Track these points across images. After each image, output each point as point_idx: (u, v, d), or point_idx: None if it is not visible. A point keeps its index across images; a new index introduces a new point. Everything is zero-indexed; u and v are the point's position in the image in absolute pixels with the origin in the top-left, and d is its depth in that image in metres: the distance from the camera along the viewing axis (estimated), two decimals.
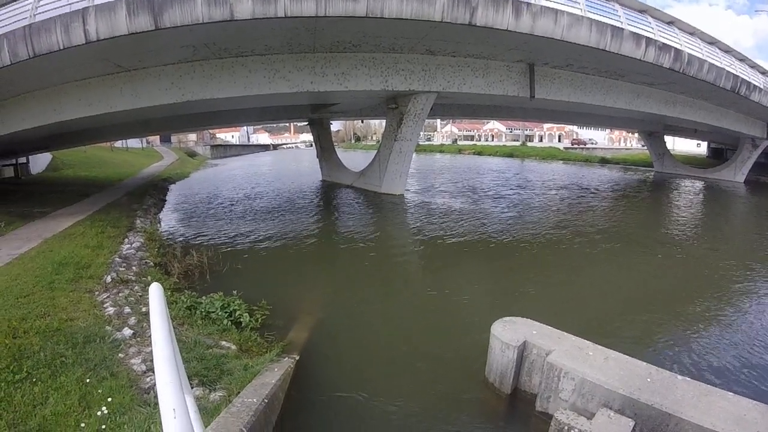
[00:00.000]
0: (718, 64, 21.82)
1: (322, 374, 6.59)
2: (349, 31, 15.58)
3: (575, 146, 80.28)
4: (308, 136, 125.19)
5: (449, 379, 6.52)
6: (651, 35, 18.35)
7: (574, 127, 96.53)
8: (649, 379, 4.98)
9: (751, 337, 8.00)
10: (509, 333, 6.00)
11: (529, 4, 15.34)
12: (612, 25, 17.10)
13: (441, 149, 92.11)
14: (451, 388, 6.28)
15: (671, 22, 20.26)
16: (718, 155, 50.39)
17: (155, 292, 1.99)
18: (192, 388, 5.05)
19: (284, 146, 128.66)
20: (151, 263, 11.15)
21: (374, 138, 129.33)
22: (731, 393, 4.85)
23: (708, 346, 7.62)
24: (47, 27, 12.62)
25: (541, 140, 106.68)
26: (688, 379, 5.12)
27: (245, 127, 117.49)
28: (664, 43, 18.62)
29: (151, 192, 26.32)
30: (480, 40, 16.94)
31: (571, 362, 5.32)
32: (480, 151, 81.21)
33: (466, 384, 6.38)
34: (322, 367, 6.79)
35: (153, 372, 5.33)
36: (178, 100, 16.77)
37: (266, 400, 4.94)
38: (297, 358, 6.78)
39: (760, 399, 4.79)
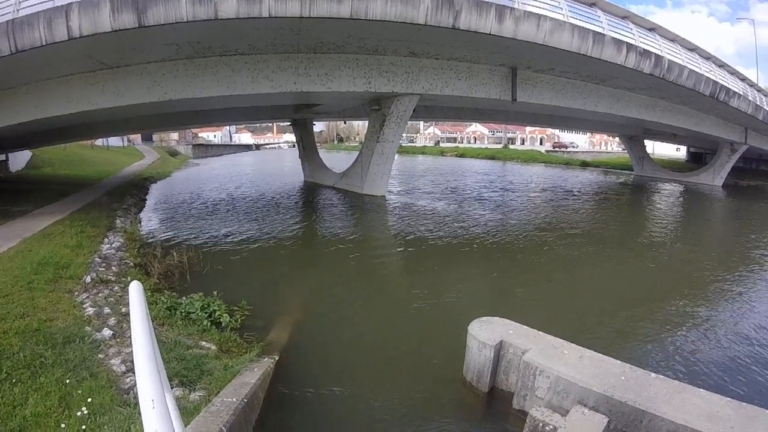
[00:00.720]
0: (697, 70, 22.24)
1: (302, 374, 6.62)
2: (334, 32, 15.62)
3: (556, 149, 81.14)
4: (291, 137, 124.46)
5: (428, 378, 6.59)
6: (632, 41, 18.66)
7: (556, 131, 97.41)
8: (623, 377, 5.07)
9: (727, 333, 8.27)
10: (486, 332, 6.08)
11: (512, 8, 15.54)
12: (594, 31, 17.35)
13: (423, 151, 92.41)
14: (430, 387, 6.34)
15: (652, 28, 20.64)
16: (697, 159, 51.36)
17: (135, 290, 2.01)
18: (172, 388, 5.05)
19: (267, 146, 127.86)
20: (131, 263, 11.08)
21: (357, 139, 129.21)
22: (704, 390, 4.96)
23: (685, 342, 7.85)
24: (30, 22, 12.49)
25: (522, 143, 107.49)
26: (662, 376, 5.22)
27: (227, 127, 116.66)
28: (645, 49, 18.96)
29: (132, 191, 26.06)
30: (463, 43, 17.07)
31: (547, 361, 5.41)
32: (462, 154, 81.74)
33: (445, 383, 6.45)
34: (302, 367, 6.82)
35: (133, 372, 5.35)
36: (160, 99, 16.67)
37: (246, 400, 4.96)
38: (277, 358, 6.78)
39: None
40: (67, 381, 4.99)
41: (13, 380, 4.91)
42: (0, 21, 12.94)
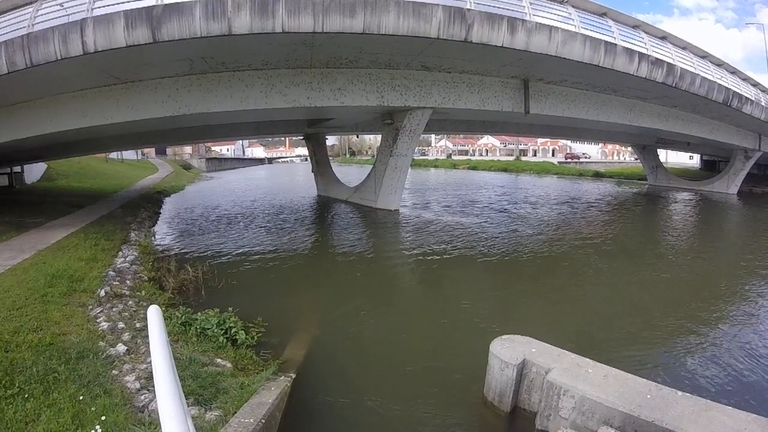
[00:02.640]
0: (710, 77, 22.12)
1: (319, 393, 6.50)
2: (347, 47, 15.63)
3: (569, 160, 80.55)
4: (303, 150, 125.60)
5: (448, 396, 6.45)
6: (644, 50, 18.58)
7: (568, 141, 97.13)
8: (649, 396, 4.92)
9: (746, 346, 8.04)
10: (508, 351, 5.94)
11: (524, 20, 15.49)
12: (606, 41, 17.27)
13: (435, 164, 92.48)
14: (450, 406, 6.21)
15: (664, 37, 20.58)
16: (711, 167, 50.90)
17: (154, 315, 1.96)
18: (188, 406, 5.00)
19: (279, 160, 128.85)
20: (146, 277, 11.05)
21: (369, 152, 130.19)
22: (731, 407, 4.80)
23: (707, 356, 7.63)
24: (45, 37, 12.64)
25: (535, 154, 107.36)
26: (688, 394, 5.07)
27: (240, 141, 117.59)
28: (657, 58, 18.86)
29: (146, 205, 26.28)
30: (475, 56, 17.04)
31: (571, 380, 5.27)
32: (474, 166, 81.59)
33: (466, 402, 6.32)
34: (319, 386, 6.69)
35: (147, 390, 5.31)
36: (174, 113, 16.76)
37: (263, 420, 4.85)
38: (293, 376, 6.68)
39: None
40: (81, 397, 4.91)
41: (26, 395, 4.84)
42: (15, 35, 13.16)
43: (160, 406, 1.57)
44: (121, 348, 6.38)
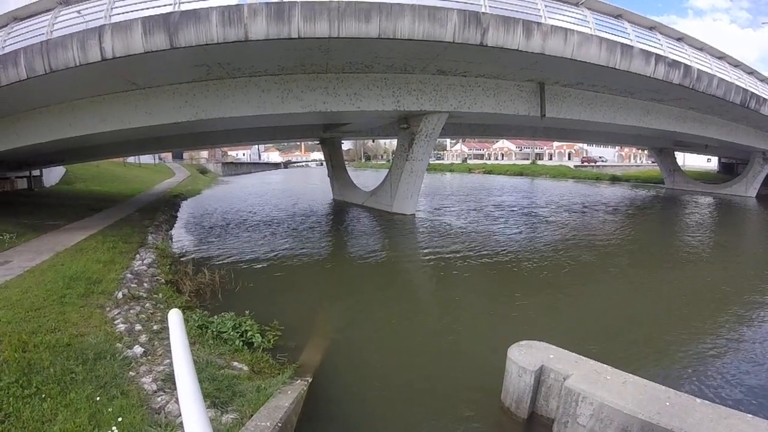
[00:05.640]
0: (727, 78, 21.85)
1: (335, 397, 6.48)
2: (362, 52, 15.66)
3: (585, 164, 79.76)
4: (319, 155, 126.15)
5: (465, 402, 6.39)
6: (660, 52, 18.36)
7: (584, 145, 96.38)
8: (668, 403, 4.86)
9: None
10: (526, 357, 5.90)
11: (539, 23, 15.38)
12: (622, 43, 17.10)
13: (451, 168, 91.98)
14: (467, 412, 6.15)
15: (680, 38, 20.34)
16: (729, 170, 50.38)
17: (175, 319, 1.98)
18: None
19: (294, 164, 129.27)
20: (163, 280, 11.13)
21: (384, 157, 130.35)
22: (750, 415, 4.73)
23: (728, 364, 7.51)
24: (64, 43, 12.86)
25: (550, 158, 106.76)
26: (707, 402, 5.00)
27: (256, 145, 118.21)
28: (673, 60, 18.63)
29: (163, 208, 26.52)
30: (491, 60, 16.97)
31: (590, 387, 5.21)
32: (490, 170, 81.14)
33: (482, 408, 6.26)
34: (335, 390, 6.66)
35: (164, 391, 5.33)
36: (191, 119, 16.91)
37: (280, 424, 4.84)
38: (310, 380, 6.66)
39: None
40: (98, 398, 4.94)
41: (43, 395, 4.87)
42: (34, 41, 13.38)
43: (183, 408, 1.58)
44: (138, 350, 6.42)
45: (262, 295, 11.20)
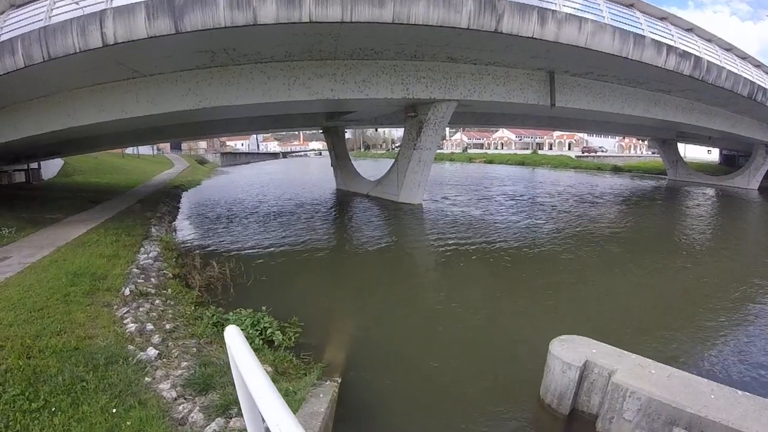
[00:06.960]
0: (735, 70, 21.74)
1: (368, 398, 6.12)
2: (373, 38, 15.24)
3: (586, 154, 79.34)
4: (318, 144, 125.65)
5: (502, 398, 6.13)
6: (671, 42, 18.19)
7: (584, 135, 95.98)
8: (712, 396, 4.85)
9: None
10: (569, 352, 5.70)
11: (554, 11, 15.09)
12: (634, 33, 16.89)
13: (451, 158, 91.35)
14: (505, 409, 5.90)
15: (690, 29, 20.20)
16: (730, 162, 50.22)
17: (234, 335, 1.54)
18: (232, 417, 4.59)
19: (293, 154, 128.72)
20: (170, 274, 10.61)
21: (384, 146, 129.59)
22: None
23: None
24: (63, 29, 12.38)
25: (551, 148, 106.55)
26: (748, 393, 4.98)
27: (254, 135, 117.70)
28: (684, 51, 18.48)
29: (164, 199, 26.11)
30: (503, 47, 16.62)
31: (636, 381, 5.12)
32: (491, 160, 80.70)
33: (521, 404, 6.02)
34: (366, 391, 6.29)
35: (185, 399, 4.92)
36: (195, 107, 16.45)
37: None
38: (339, 380, 6.23)
39: None
40: (113, 410, 4.50)
41: (53, 409, 4.42)
42: (32, 28, 12.90)
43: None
44: (152, 352, 5.98)
45: (277, 288, 10.83)
